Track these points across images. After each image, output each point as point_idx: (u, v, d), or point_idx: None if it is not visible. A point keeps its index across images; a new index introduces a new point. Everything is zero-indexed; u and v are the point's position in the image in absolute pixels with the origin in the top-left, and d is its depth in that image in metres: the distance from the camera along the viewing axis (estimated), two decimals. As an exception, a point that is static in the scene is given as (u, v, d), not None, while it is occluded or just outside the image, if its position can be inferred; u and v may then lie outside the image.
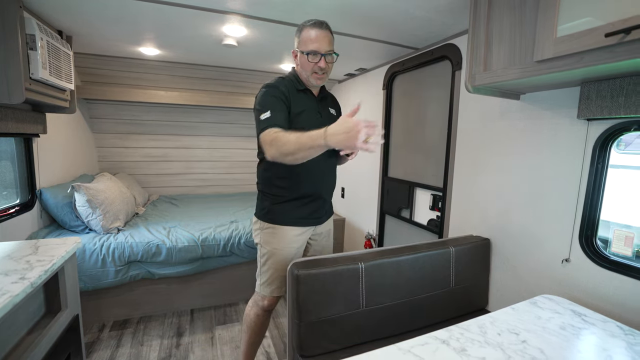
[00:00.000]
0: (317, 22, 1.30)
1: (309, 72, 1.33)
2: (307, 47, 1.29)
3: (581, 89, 1.14)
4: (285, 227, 1.41)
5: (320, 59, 1.29)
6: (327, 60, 1.31)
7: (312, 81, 1.35)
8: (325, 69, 1.32)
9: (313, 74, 1.33)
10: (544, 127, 1.35)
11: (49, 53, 1.60)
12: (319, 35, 1.28)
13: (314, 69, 1.31)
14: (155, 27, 1.96)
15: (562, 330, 0.95)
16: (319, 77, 1.33)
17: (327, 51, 1.30)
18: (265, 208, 1.45)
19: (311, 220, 1.46)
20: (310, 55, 1.28)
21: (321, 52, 1.28)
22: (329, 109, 1.49)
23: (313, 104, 1.40)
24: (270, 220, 1.43)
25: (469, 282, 1.53)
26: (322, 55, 1.29)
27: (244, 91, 3.38)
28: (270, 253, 1.44)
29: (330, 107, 1.51)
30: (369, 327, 1.30)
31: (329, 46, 1.31)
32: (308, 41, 1.29)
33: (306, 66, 1.32)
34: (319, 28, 1.29)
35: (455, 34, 1.83)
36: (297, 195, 1.41)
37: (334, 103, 1.56)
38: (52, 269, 0.94)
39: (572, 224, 1.24)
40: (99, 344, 1.95)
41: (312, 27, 1.29)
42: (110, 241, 2.07)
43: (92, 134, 3.13)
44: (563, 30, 0.93)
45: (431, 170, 2.08)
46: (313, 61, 1.29)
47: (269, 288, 1.46)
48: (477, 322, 0.99)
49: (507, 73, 1.14)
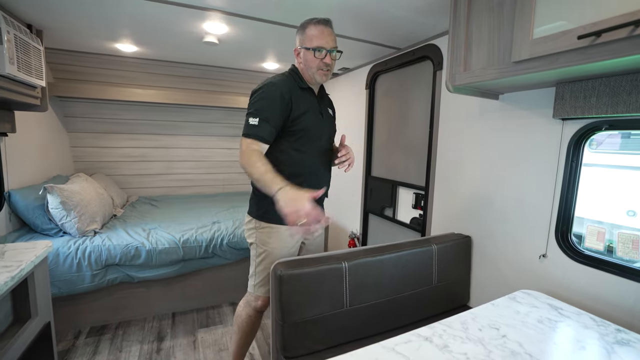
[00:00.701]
0: (322, 19, 1.33)
1: (315, 69, 1.33)
2: (312, 43, 1.30)
3: (556, 90, 1.18)
4: (282, 226, 1.38)
5: (326, 55, 1.31)
6: (332, 57, 1.33)
7: (317, 78, 1.35)
8: (330, 65, 1.34)
9: (319, 70, 1.33)
10: (522, 126, 1.39)
11: (17, 47, 1.52)
12: (325, 32, 1.31)
13: (319, 65, 1.32)
14: (133, 23, 1.89)
15: (539, 324, 0.98)
16: (324, 73, 1.34)
17: (332, 47, 1.32)
18: (262, 207, 1.39)
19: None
20: (317, 51, 1.30)
21: (327, 48, 1.30)
22: (328, 110, 1.50)
23: (315, 104, 1.40)
24: (268, 220, 1.39)
25: (451, 279, 1.56)
26: (328, 51, 1.31)
27: (226, 90, 3.32)
28: (266, 253, 1.41)
29: (328, 107, 1.51)
30: (353, 327, 1.30)
31: (334, 43, 1.33)
32: (314, 38, 1.30)
33: (312, 63, 1.32)
34: (324, 25, 1.32)
35: (436, 35, 1.85)
36: None
37: (330, 103, 1.56)
38: (19, 275, 0.89)
39: (549, 221, 1.28)
40: (74, 352, 1.87)
41: (318, 24, 1.31)
42: (86, 244, 1.99)
43: (66, 133, 3.00)
44: (539, 32, 0.95)
45: (414, 169, 2.10)
46: (319, 57, 1.31)
47: (264, 288, 1.43)
48: (459, 318, 1.00)
49: (486, 73, 1.17)
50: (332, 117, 1.54)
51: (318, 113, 1.40)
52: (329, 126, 1.47)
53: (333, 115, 1.55)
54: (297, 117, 1.31)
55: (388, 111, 2.38)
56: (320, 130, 1.41)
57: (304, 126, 1.33)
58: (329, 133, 1.48)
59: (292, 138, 1.34)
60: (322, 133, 1.42)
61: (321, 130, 1.42)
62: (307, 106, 1.35)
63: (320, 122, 1.40)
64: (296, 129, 1.32)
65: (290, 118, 1.31)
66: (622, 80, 1.00)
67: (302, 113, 1.33)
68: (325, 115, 1.45)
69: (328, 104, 1.53)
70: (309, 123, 1.34)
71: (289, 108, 1.30)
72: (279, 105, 1.27)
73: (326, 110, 1.48)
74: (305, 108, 1.35)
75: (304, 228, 1.05)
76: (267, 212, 1.40)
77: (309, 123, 1.34)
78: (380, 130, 2.47)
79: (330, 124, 1.49)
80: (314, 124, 1.37)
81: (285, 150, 1.34)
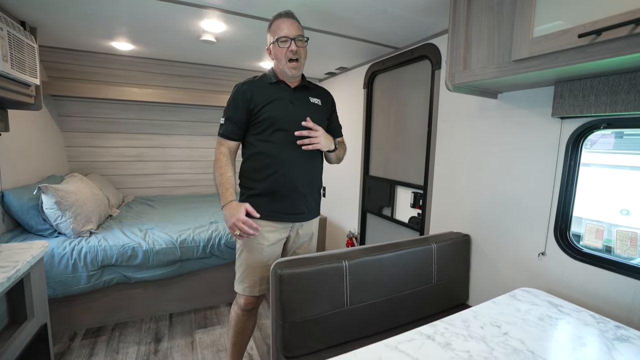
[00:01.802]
0: (283, 12, 1.37)
1: (284, 62, 1.35)
2: (276, 35, 1.34)
3: (555, 88, 1.18)
4: (260, 221, 1.37)
5: (290, 43, 1.32)
6: (297, 45, 1.34)
7: (287, 71, 1.37)
8: (298, 54, 1.35)
9: (287, 62, 1.35)
10: (521, 125, 1.40)
11: (10, 45, 1.49)
12: (286, 22, 1.34)
13: (286, 55, 1.33)
14: (130, 21, 1.87)
15: (540, 321, 0.98)
16: (294, 65, 1.35)
17: (295, 35, 1.33)
18: (240, 201, 1.42)
19: (285, 215, 1.42)
20: (280, 41, 1.32)
21: (290, 36, 1.32)
22: (309, 98, 1.46)
23: (285, 94, 1.41)
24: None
25: (450, 278, 1.56)
26: (292, 39, 1.32)
27: (222, 89, 3.30)
28: (241, 248, 1.44)
29: (313, 97, 1.48)
30: (353, 326, 1.30)
31: (298, 31, 1.35)
32: (277, 30, 1.34)
33: (279, 55, 1.35)
34: (285, 17, 1.36)
35: (434, 34, 1.86)
36: (269, 188, 1.38)
37: (320, 94, 1.53)
38: (16, 276, 0.87)
39: (548, 219, 1.29)
40: (69, 354, 1.85)
41: (279, 17, 1.36)
42: (81, 245, 1.96)
43: (60, 132, 2.96)
44: (539, 31, 0.96)
45: (412, 169, 2.11)
46: (284, 47, 1.33)
47: (241, 286, 1.45)
48: (460, 316, 1.00)
49: (486, 72, 1.17)
50: (318, 107, 1.48)
51: (287, 102, 1.40)
52: (305, 114, 1.37)
53: (323, 106, 1.50)
54: (261, 108, 1.35)
55: (386, 110, 2.38)
56: (291, 118, 1.36)
57: (268, 115, 1.36)
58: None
59: (258, 129, 1.38)
60: (293, 121, 1.36)
61: (293, 118, 1.36)
62: (273, 97, 1.38)
63: (288, 110, 1.38)
64: (261, 119, 1.36)
65: (254, 111, 1.36)
66: (620, 79, 1.01)
67: (265, 103, 1.36)
68: (298, 103, 1.41)
69: (315, 95, 1.49)
70: (274, 112, 1.36)
71: (251, 102, 1.36)
72: (240, 103, 1.36)
73: (304, 100, 1.44)
74: (270, 98, 1.37)
75: (241, 236, 1.31)
76: None
77: (274, 112, 1.36)
78: (378, 129, 2.47)
79: (308, 113, 1.38)
80: (281, 113, 1.37)
81: (253, 142, 1.40)
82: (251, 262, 1.41)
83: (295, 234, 1.49)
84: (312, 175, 1.48)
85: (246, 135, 1.42)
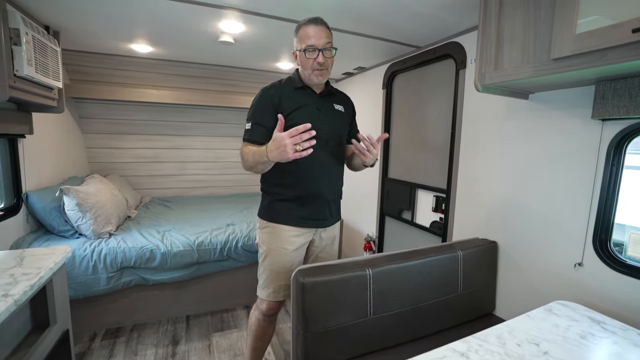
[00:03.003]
0: (312, 18, 1.30)
1: (309, 70, 1.31)
2: (304, 43, 1.28)
3: (596, 88, 1.11)
4: (281, 226, 1.37)
5: (318, 54, 1.27)
6: (325, 55, 1.29)
7: (314, 79, 1.33)
8: (325, 64, 1.30)
9: (313, 71, 1.31)
10: (555, 128, 1.32)
11: (35, 49, 1.51)
12: (315, 31, 1.27)
13: (313, 65, 1.29)
14: (148, 23, 1.88)
15: (582, 340, 0.91)
16: (320, 73, 1.31)
17: (324, 45, 1.28)
18: (264, 206, 1.43)
19: (310, 221, 1.40)
20: (308, 51, 1.27)
21: (318, 47, 1.27)
22: (333, 105, 1.43)
23: (312, 100, 1.37)
24: (267, 219, 1.41)
25: (476, 287, 1.49)
26: (320, 50, 1.27)
27: (238, 90, 3.30)
28: (265, 253, 1.41)
29: (336, 103, 1.45)
30: (377, 336, 1.25)
31: (326, 40, 1.29)
32: (305, 38, 1.28)
33: (306, 64, 1.30)
34: (314, 24, 1.28)
35: (459, 32, 1.79)
36: (295, 194, 1.36)
37: (342, 100, 1.50)
38: (39, 283, 0.86)
39: (585, 227, 1.21)
40: (90, 355, 1.86)
41: (308, 24, 1.29)
42: (101, 246, 1.98)
43: (81, 134, 3.01)
44: (583, 26, 0.89)
45: (434, 171, 2.04)
46: (311, 57, 1.28)
47: (265, 291, 1.42)
48: (494, 331, 0.94)
49: (519, 72, 1.11)
50: (341, 114, 1.45)
51: (315, 108, 1.36)
52: (330, 122, 1.39)
53: (345, 112, 1.47)
54: (289, 114, 1.30)
55: (406, 111, 2.32)
56: (318, 125, 1.30)
57: (296, 122, 1.26)
58: (331, 128, 1.39)
59: None
60: (320, 128, 1.30)
61: (320, 126, 1.30)
62: (300, 102, 1.34)
63: (316, 117, 1.34)
64: (288, 126, 1.28)
65: (283, 115, 1.29)
66: (673, 78, 0.93)
67: (293, 109, 1.31)
68: (324, 110, 1.39)
69: (338, 101, 1.46)
70: (302, 119, 1.28)
71: (279, 107, 1.31)
72: (269, 106, 1.31)
73: (329, 106, 1.42)
74: (298, 104, 1.33)
75: (305, 146, 1.10)
76: (268, 211, 1.41)
77: (302, 119, 1.28)
78: (398, 131, 2.41)
79: (333, 120, 1.41)
80: (307, 119, 1.28)
81: None
82: (275, 268, 1.39)
83: (318, 238, 1.46)
84: (336, 181, 1.46)
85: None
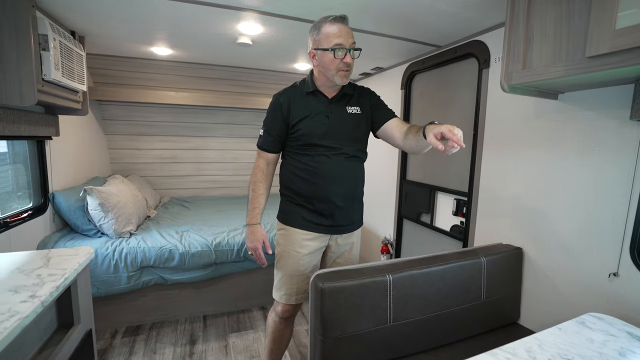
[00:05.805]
0: (338, 16, 1.24)
1: (334, 71, 1.24)
2: (330, 42, 1.21)
3: (635, 87, 1.04)
4: (294, 229, 1.36)
5: (346, 55, 1.22)
6: (351, 56, 1.24)
7: (337, 80, 1.26)
8: (351, 65, 1.25)
9: (339, 72, 1.24)
10: (587, 129, 1.25)
11: (62, 54, 1.55)
12: (342, 30, 1.22)
13: (339, 66, 1.23)
14: (169, 26, 1.90)
15: (621, 357, 0.85)
16: (345, 74, 1.25)
17: (351, 45, 1.24)
18: (281, 208, 1.44)
19: (322, 227, 1.36)
20: (336, 51, 1.21)
21: (347, 46, 1.22)
22: (346, 108, 1.35)
23: (321, 107, 1.32)
24: (282, 221, 1.42)
25: (500, 295, 1.44)
26: (347, 50, 1.22)
27: (256, 91, 3.32)
28: (279, 255, 1.41)
29: (350, 105, 1.36)
30: (396, 343, 1.22)
31: (353, 39, 1.25)
32: (331, 36, 1.21)
33: (330, 64, 1.23)
34: (340, 22, 1.23)
35: (482, 30, 1.73)
36: (306, 199, 1.34)
37: (358, 98, 1.39)
38: (64, 284, 0.88)
39: (622, 235, 1.14)
40: (111, 352, 1.90)
41: (334, 22, 1.23)
42: (122, 246, 2.02)
43: (104, 135, 3.10)
44: (624, 21, 0.83)
45: (455, 174, 1.98)
46: (339, 57, 1.22)
47: (279, 293, 1.42)
48: (523, 344, 0.90)
49: (550, 71, 1.05)
50: (357, 116, 1.36)
51: (323, 116, 1.31)
52: (343, 126, 1.32)
53: (362, 112, 1.37)
54: (297, 123, 1.30)
55: (426, 112, 2.27)
56: (326, 133, 1.29)
57: (303, 133, 1.30)
58: (343, 134, 1.32)
59: (295, 143, 1.34)
60: (329, 135, 1.30)
61: (328, 133, 1.30)
62: (308, 110, 1.30)
63: (323, 126, 1.29)
64: (297, 135, 1.31)
65: (291, 124, 1.31)
66: None
67: (301, 118, 1.30)
68: (334, 116, 1.32)
69: (354, 103, 1.37)
70: (309, 129, 1.30)
71: (289, 115, 1.31)
72: (279, 114, 1.32)
73: (341, 111, 1.34)
74: (305, 113, 1.30)
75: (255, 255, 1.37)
76: (283, 213, 1.42)
77: (309, 129, 1.30)
78: (416, 132, 2.36)
79: (347, 124, 1.33)
80: (316, 130, 1.29)
81: (291, 154, 1.37)
82: (287, 271, 1.38)
83: (334, 244, 1.43)
84: (351, 187, 1.38)
85: (285, 145, 1.38)
